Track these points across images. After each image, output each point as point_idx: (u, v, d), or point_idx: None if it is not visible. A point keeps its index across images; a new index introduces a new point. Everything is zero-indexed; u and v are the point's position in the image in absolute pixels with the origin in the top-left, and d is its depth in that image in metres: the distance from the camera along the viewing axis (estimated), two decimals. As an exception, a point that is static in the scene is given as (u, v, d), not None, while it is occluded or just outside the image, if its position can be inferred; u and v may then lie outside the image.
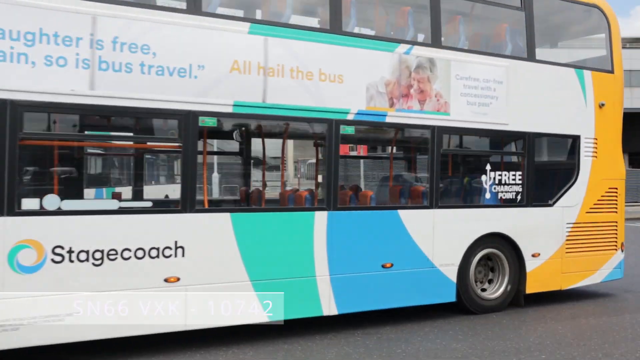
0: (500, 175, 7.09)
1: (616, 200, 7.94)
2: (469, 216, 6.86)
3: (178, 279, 5.20)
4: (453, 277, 6.66)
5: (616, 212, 7.93)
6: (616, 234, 7.94)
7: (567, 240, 7.49)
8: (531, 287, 7.25)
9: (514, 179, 7.18)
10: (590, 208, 7.69)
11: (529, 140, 7.21)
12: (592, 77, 7.68)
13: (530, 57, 7.23)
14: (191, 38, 5.26)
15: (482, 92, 6.80)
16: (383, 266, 6.20)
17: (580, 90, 7.58)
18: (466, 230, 6.76)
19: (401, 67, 6.30)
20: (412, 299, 6.43)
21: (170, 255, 5.16)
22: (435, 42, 6.56)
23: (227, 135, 7.45)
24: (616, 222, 7.93)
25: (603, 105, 7.75)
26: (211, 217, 5.45)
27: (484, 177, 6.99)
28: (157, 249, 5.09)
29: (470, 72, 6.72)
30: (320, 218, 5.86)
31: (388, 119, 6.27)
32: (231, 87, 5.42)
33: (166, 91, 5.11)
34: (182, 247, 5.21)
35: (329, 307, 5.92)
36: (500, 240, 7.03)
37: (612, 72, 7.87)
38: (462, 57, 6.74)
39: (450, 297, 6.67)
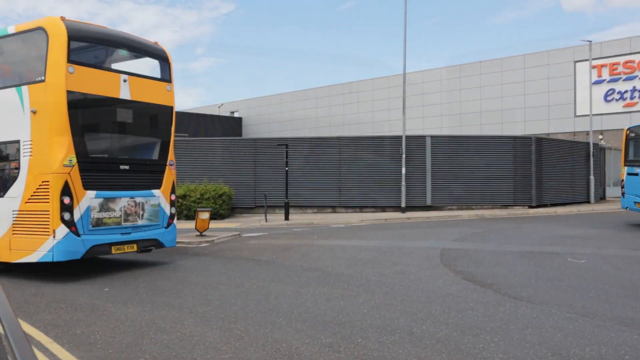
0: (-26, 175, 10.14)
1: (48, 191, 9.01)
2: None
3: None
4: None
5: (48, 202, 9.00)
6: (48, 221, 8.99)
7: (14, 224, 9.48)
8: (-8, 256, 9.86)
9: (-18, 177, 10.03)
10: (29, 199, 9.29)
11: (-15, 150, 9.90)
12: (30, 90, 9.32)
13: (-7, 90, 9.92)
14: None
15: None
16: None
17: (19, 103, 9.42)
18: None
19: None
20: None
21: None
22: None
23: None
24: (48, 211, 9.00)
25: (34, 111, 9.18)
26: None
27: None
28: None
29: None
30: None
31: None
32: None
33: None
34: None
35: None
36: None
37: (44, 81, 9.11)
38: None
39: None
